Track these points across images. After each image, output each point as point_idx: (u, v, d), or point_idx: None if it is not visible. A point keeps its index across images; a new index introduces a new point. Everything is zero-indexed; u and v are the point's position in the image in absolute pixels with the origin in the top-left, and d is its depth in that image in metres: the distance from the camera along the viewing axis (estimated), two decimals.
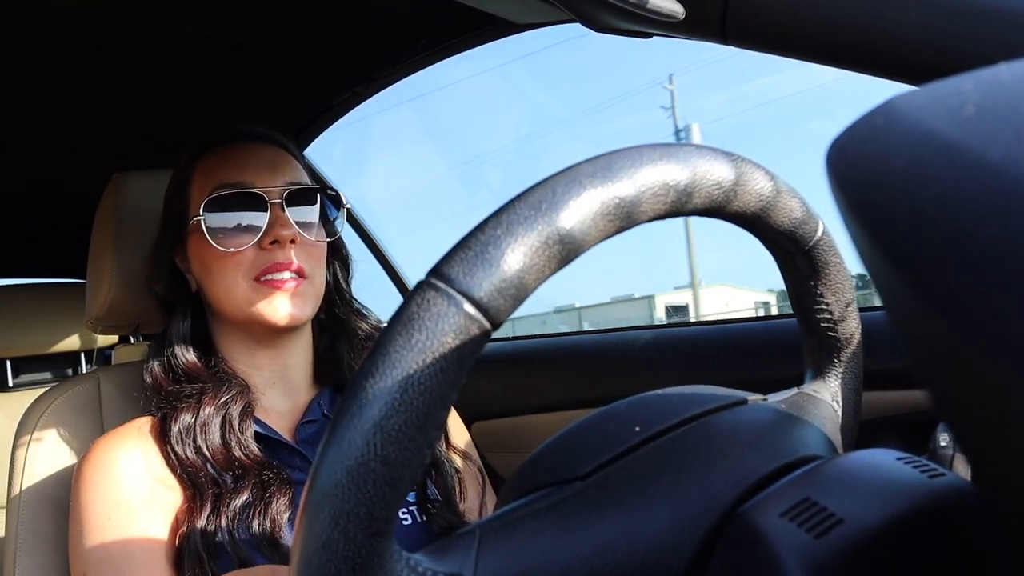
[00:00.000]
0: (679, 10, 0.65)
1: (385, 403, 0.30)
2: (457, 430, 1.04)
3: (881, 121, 0.24)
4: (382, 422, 0.30)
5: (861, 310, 0.51)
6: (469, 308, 0.31)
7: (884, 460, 0.38)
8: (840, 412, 0.50)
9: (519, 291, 0.32)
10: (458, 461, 0.97)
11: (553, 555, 0.35)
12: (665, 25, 0.67)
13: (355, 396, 0.30)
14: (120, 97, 1.28)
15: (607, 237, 0.35)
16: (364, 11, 1.08)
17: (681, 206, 0.37)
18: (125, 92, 1.26)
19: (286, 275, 0.84)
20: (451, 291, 0.31)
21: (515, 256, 0.32)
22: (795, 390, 0.49)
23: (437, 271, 0.32)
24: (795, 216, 0.43)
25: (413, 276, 1.78)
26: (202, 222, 0.84)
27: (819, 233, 0.45)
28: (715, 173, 0.38)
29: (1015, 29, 0.50)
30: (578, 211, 0.33)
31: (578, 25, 0.78)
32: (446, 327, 0.31)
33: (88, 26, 1.05)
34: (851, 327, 0.50)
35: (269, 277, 0.84)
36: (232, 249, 0.84)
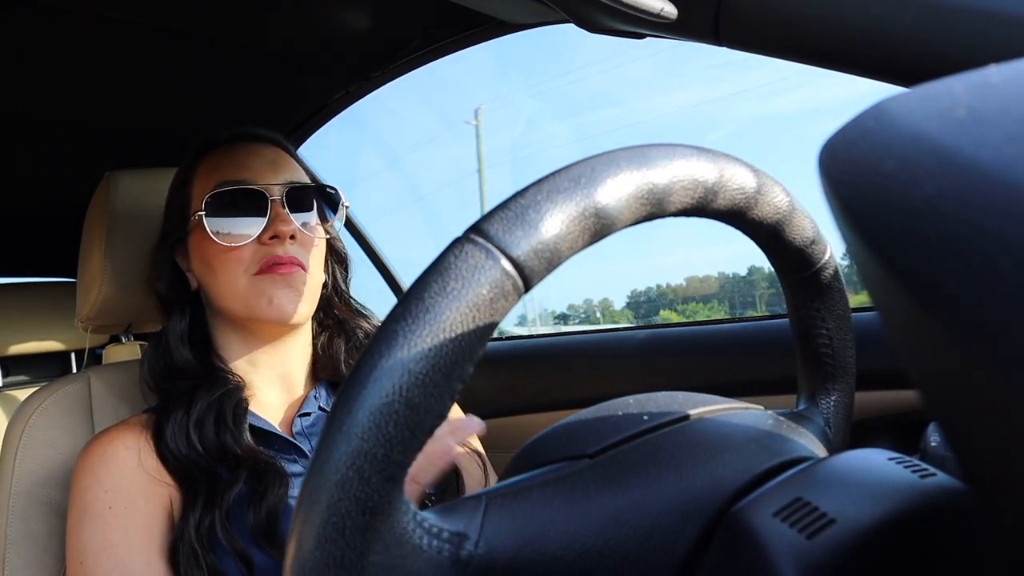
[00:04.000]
0: (672, 11, 0.65)
1: (415, 345, 0.30)
2: None
3: (872, 123, 0.24)
4: (410, 364, 0.30)
5: (853, 310, 0.51)
6: (506, 264, 0.31)
7: (875, 460, 0.39)
8: (831, 439, 0.50)
9: (553, 256, 0.33)
10: (460, 458, 0.97)
11: (559, 524, 0.35)
12: (658, 26, 0.67)
13: (384, 337, 0.30)
14: (111, 95, 1.27)
15: (637, 221, 0.36)
16: (358, 11, 1.08)
17: (706, 204, 0.38)
18: (116, 91, 1.26)
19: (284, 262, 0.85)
20: (489, 246, 0.31)
21: (553, 222, 0.32)
22: (788, 412, 0.49)
23: (476, 227, 0.32)
24: (806, 235, 0.44)
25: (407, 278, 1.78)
26: (203, 218, 0.85)
27: (827, 256, 0.45)
28: (740, 178, 0.39)
29: (1006, 31, 0.50)
30: (615, 190, 0.34)
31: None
32: (482, 279, 0.31)
33: (81, 24, 1.04)
34: (848, 356, 0.50)
35: (268, 265, 0.85)
36: (232, 244, 0.85)
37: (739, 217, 0.41)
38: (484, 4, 0.97)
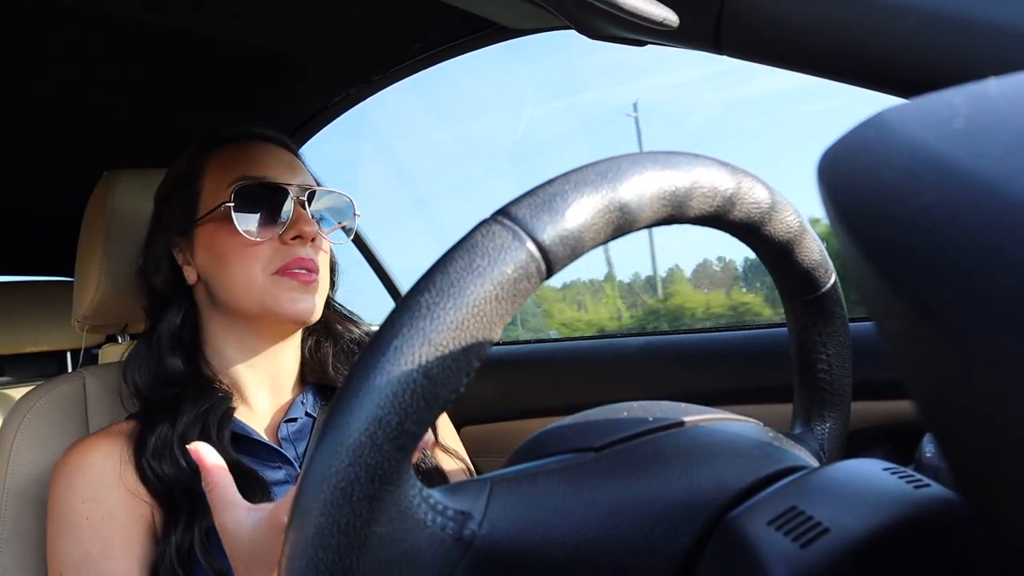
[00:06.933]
0: (674, 19, 0.65)
1: (438, 317, 0.30)
2: (446, 430, 1.04)
3: (872, 133, 0.25)
4: (432, 334, 0.30)
5: (849, 320, 0.51)
6: (531, 247, 0.32)
7: (870, 470, 0.39)
8: (824, 463, 0.51)
9: (577, 245, 0.33)
10: (448, 463, 0.97)
11: (563, 511, 0.36)
12: (659, 33, 0.67)
13: (408, 307, 0.31)
14: (111, 94, 1.27)
15: (657, 222, 0.36)
16: (360, 13, 1.08)
17: (723, 214, 0.39)
18: (115, 90, 1.26)
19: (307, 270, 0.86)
20: (517, 228, 0.32)
21: (579, 211, 0.33)
22: (784, 432, 0.50)
23: (504, 211, 0.33)
24: (814, 258, 0.44)
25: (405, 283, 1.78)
26: (231, 210, 0.85)
27: (831, 280, 0.46)
28: (756, 193, 0.40)
29: (1005, 44, 0.50)
30: (639, 187, 0.35)
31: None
32: (508, 259, 0.31)
33: (82, 22, 1.04)
34: (845, 383, 0.51)
35: (291, 271, 0.85)
36: (256, 239, 0.85)
37: (752, 232, 0.41)
38: (486, 9, 0.97)
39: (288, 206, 0.86)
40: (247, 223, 0.85)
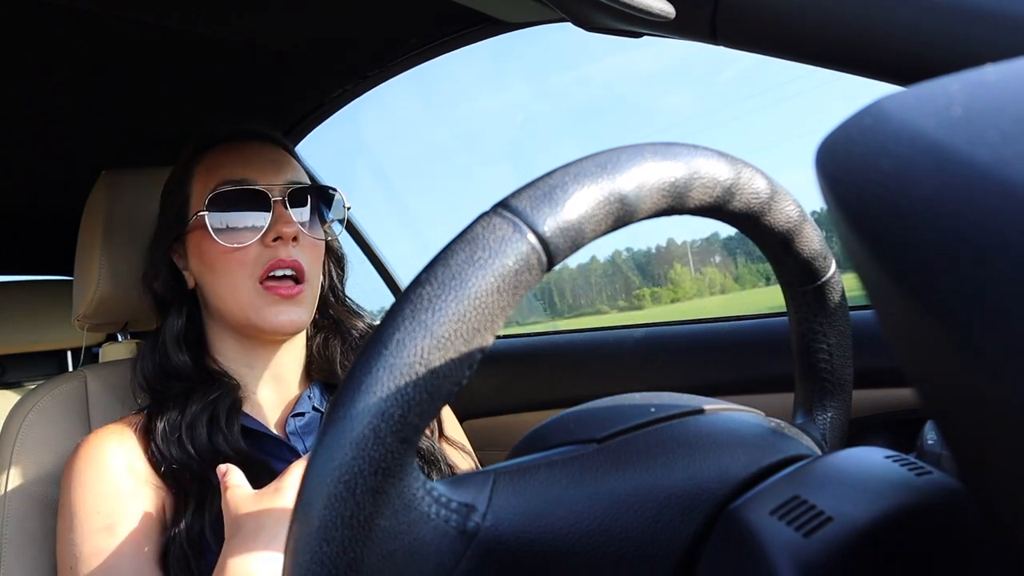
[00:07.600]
0: (670, 10, 0.65)
1: (439, 309, 0.30)
2: (451, 423, 1.04)
3: (870, 121, 0.25)
4: (433, 327, 0.30)
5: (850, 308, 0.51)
6: (532, 238, 0.32)
7: (872, 458, 0.39)
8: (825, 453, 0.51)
9: (578, 236, 0.33)
10: (453, 455, 0.97)
11: (566, 503, 0.36)
12: (656, 25, 0.67)
13: (409, 299, 0.31)
14: (108, 93, 1.27)
15: (658, 213, 0.36)
16: (355, 9, 1.08)
17: (723, 204, 0.39)
18: (113, 88, 1.26)
19: (288, 273, 0.85)
20: (517, 220, 0.32)
21: (579, 203, 0.33)
22: (785, 423, 0.50)
23: (504, 203, 0.33)
24: (814, 248, 0.44)
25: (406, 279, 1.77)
26: (205, 218, 0.84)
27: (832, 270, 0.46)
28: (756, 183, 0.40)
29: (1002, 31, 0.50)
30: (639, 178, 0.35)
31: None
32: (509, 250, 0.32)
33: (80, 22, 1.04)
34: (846, 373, 0.51)
35: (273, 280, 0.84)
36: (235, 245, 0.84)
37: (752, 222, 0.41)
38: (481, 3, 0.96)
39: (267, 207, 0.85)
40: (226, 231, 0.84)
